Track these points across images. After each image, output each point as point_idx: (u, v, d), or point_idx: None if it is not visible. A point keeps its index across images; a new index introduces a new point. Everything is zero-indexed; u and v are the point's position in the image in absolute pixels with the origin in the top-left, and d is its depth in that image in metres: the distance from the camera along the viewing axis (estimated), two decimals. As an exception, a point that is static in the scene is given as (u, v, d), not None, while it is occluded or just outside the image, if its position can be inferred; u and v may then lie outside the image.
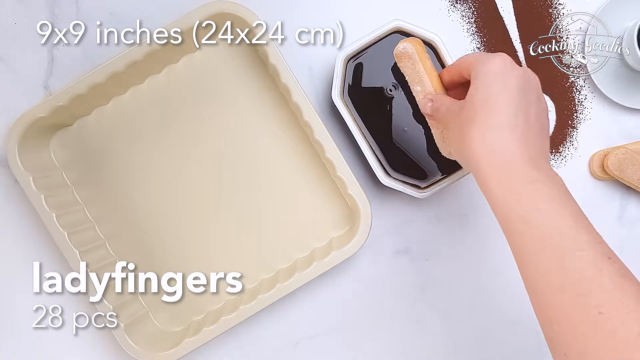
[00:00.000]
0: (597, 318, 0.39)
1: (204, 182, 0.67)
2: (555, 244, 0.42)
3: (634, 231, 0.69)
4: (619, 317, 0.38)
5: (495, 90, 0.46)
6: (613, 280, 0.40)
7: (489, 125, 0.46)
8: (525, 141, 0.45)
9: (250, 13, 0.61)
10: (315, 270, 0.63)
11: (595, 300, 0.39)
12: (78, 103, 0.63)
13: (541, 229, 0.42)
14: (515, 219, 0.44)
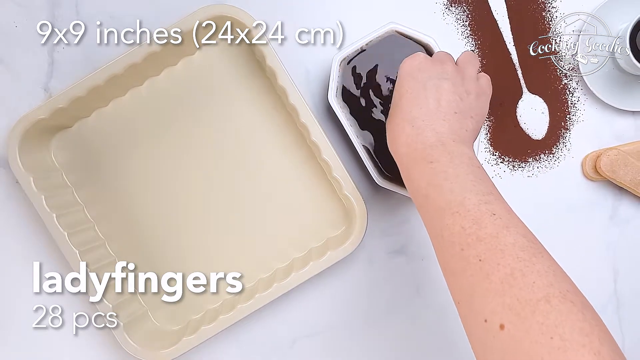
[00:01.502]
0: (477, 265, 0.43)
1: (202, 183, 0.67)
2: (444, 208, 0.47)
3: (626, 231, 0.70)
4: (494, 262, 0.42)
5: (404, 88, 0.55)
6: (492, 233, 0.44)
7: (398, 122, 0.54)
8: (427, 126, 0.52)
9: (247, 16, 0.62)
10: (312, 269, 0.64)
11: (475, 251, 0.44)
12: (78, 105, 0.63)
13: (435, 200, 0.49)
14: (419, 195, 0.50)
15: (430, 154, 0.51)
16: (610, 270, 0.70)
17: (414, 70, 0.55)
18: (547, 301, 0.39)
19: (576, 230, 0.70)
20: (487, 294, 0.42)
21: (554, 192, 0.69)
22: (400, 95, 0.55)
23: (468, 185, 0.48)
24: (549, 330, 0.38)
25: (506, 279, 0.41)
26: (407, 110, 0.54)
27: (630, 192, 0.69)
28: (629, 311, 0.70)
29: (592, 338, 0.38)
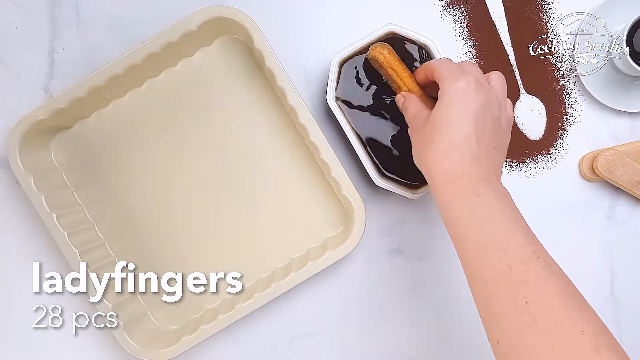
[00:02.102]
0: (524, 307, 0.42)
1: (201, 183, 0.67)
2: (489, 244, 0.46)
3: (623, 231, 0.70)
4: (542, 307, 0.42)
5: (454, 114, 0.51)
6: (538, 276, 0.44)
7: (443, 147, 0.51)
8: (474, 160, 0.51)
9: (247, 17, 0.62)
10: (311, 269, 0.64)
11: (522, 292, 0.43)
12: (78, 106, 0.63)
13: (478, 234, 0.47)
14: (459, 225, 0.49)
15: (476, 186, 0.49)
16: (608, 270, 0.70)
17: (465, 95, 0.52)
18: (597, 351, 0.40)
19: (573, 231, 0.70)
20: (534, 339, 0.41)
21: (551, 193, 0.70)
22: (449, 121, 0.51)
23: (514, 223, 0.48)
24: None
25: (556, 325, 0.41)
26: (456, 139, 0.51)
27: (627, 193, 0.69)
28: (626, 311, 0.71)
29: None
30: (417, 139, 0.55)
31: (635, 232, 0.70)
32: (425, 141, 0.53)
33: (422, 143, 0.54)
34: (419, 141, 0.55)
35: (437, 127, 0.52)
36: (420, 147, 0.54)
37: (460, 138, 0.51)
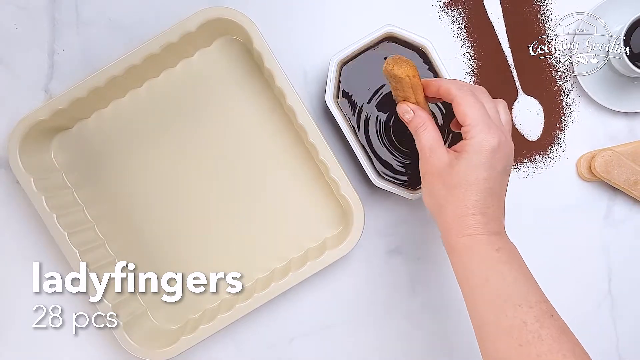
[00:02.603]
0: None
1: (201, 183, 0.68)
2: (506, 299, 0.47)
3: (621, 231, 0.70)
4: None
5: (484, 174, 0.51)
6: (552, 335, 0.45)
7: (469, 206, 0.51)
8: (494, 216, 0.52)
9: (246, 19, 0.62)
10: (309, 269, 0.64)
11: (535, 349, 0.45)
12: (78, 106, 0.63)
13: (495, 288, 0.48)
14: (477, 278, 0.50)
15: (496, 241, 0.50)
16: (605, 269, 0.71)
17: (495, 155, 0.51)
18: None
19: (571, 230, 0.70)
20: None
21: (549, 193, 0.70)
22: (478, 181, 0.51)
23: (529, 280, 0.49)
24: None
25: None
26: (482, 198, 0.51)
27: (625, 193, 0.69)
28: (623, 310, 0.71)
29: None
30: (433, 182, 0.53)
31: (633, 232, 0.70)
32: (446, 191, 0.52)
33: (440, 191, 0.52)
34: (436, 185, 0.53)
35: (464, 184, 0.51)
36: (438, 194, 0.53)
37: (485, 197, 0.51)
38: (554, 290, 0.70)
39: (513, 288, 0.48)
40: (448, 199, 0.52)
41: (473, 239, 0.50)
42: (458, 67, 0.69)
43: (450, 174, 0.52)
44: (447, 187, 0.52)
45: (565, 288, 0.71)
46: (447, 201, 0.52)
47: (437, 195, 0.53)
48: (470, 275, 0.50)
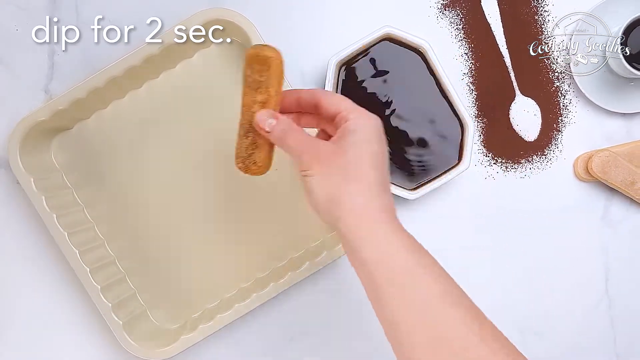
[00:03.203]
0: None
1: (200, 183, 0.68)
2: (424, 300, 0.43)
3: (618, 231, 0.71)
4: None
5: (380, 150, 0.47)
6: (490, 335, 0.43)
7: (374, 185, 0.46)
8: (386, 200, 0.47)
9: (244, 20, 0.63)
10: (309, 269, 0.64)
11: (475, 354, 0.42)
12: (78, 107, 0.64)
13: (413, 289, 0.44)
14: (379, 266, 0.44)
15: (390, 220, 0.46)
16: (602, 269, 0.71)
17: (381, 135, 0.48)
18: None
19: (568, 231, 0.71)
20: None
21: (546, 193, 0.70)
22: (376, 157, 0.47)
23: (443, 273, 0.47)
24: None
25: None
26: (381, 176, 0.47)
27: (621, 193, 0.69)
28: (620, 310, 0.71)
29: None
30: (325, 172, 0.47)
31: (629, 232, 0.71)
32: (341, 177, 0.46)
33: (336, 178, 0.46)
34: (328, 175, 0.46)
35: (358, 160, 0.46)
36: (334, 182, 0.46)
37: (384, 174, 0.47)
38: (551, 290, 0.71)
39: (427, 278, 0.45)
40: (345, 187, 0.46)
41: (391, 225, 0.46)
42: (456, 68, 0.69)
43: (340, 155, 0.46)
44: (341, 170, 0.46)
45: (563, 288, 0.71)
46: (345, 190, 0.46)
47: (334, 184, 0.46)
48: (396, 258, 0.45)
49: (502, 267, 0.71)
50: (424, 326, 0.43)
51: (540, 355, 0.71)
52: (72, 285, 0.68)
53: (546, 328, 0.71)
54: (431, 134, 0.66)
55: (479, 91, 0.69)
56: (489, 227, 0.70)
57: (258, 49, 0.50)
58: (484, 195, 0.70)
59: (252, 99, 0.51)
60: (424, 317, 0.43)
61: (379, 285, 0.44)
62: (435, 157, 0.66)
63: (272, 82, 0.51)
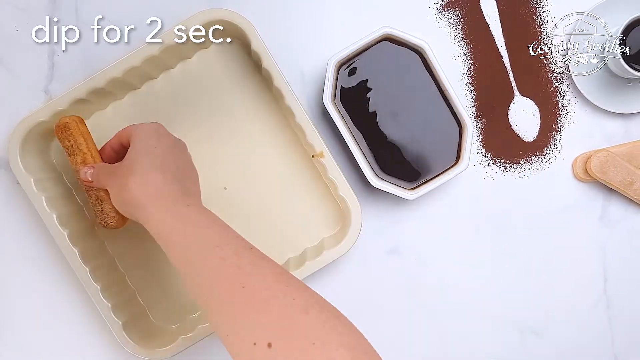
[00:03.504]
0: (241, 292, 0.45)
1: (199, 184, 0.68)
2: (203, 245, 0.49)
3: (616, 231, 0.71)
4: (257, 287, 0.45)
5: (152, 142, 0.56)
6: (252, 262, 0.47)
7: (146, 171, 0.54)
8: (176, 181, 0.54)
9: (244, 20, 0.63)
10: (308, 269, 0.65)
11: (238, 280, 0.46)
12: (78, 107, 0.64)
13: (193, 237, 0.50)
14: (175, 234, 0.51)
15: (184, 199, 0.53)
16: (600, 269, 0.71)
17: (155, 132, 0.57)
18: (307, 313, 0.43)
19: (566, 231, 0.71)
20: (252, 317, 0.44)
21: (545, 193, 0.70)
22: (148, 148, 0.56)
23: (223, 225, 0.51)
24: (309, 338, 0.42)
25: (269, 299, 0.44)
26: (156, 163, 0.55)
27: (620, 193, 0.70)
28: (618, 310, 0.71)
29: (348, 339, 0.43)
30: (115, 186, 0.56)
31: (628, 232, 0.71)
32: (125, 172, 0.55)
33: (120, 184, 0.55)
34: (116, 187, 0.56)
35: (137, 156, 0.55)
36: (120, 189, 0.55)
37: (161, 161, 0.55)
38: (550, 290, 0.71)
39: (210, 233, 0.50)
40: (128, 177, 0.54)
41: (163, 200, 0.52)
42: (455, 68, 0.69)
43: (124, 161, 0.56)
44: (125, 169, 0.55)
45: (561, 288, 0.71)
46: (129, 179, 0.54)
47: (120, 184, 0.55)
48: (168, 233, 0.51)
49: (500, 267, 0.71)
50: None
51: (539, 355, 0.71)
52: (72, 285, 0.68)
53: (545, 328, 0.71)
54: (430, 134, 0.66)
55: (478, 91, 0.69)
56: (488, 227, 0.71)
57: (59, 121, 0.61)
58: (482, 196, 0.70)
59: (75, 163, 0.61)
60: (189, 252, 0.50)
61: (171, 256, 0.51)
62: (434, 157, 0.66)
63: (79, 141, 0.61)
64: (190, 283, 0.50)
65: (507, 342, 0.71)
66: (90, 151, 0.61)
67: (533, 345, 0.71)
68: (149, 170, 0.54)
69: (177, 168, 0.56)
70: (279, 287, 0.45)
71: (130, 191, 0.53)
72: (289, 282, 0.46)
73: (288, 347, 0.42)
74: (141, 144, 0.56)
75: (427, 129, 0.66)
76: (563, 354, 0.71)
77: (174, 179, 0.54)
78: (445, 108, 0.66)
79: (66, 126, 0.61)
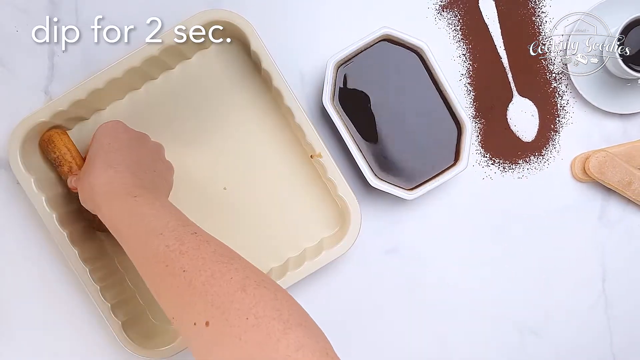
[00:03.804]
0: (182, 276, 0.46)
1: (199, 184, 0.68)
2: (149, 233, 0.50)
3: (614, 230, 0.71)
4: (196, 269, 0.46)
5: (106, 139, 0.59)
6: (194, 247, 0.48)
7: (98, 167, 0.56)
8: (131, 173, 0.56)
9: (243, 21, 0.63)
10: (307, 269, 0.65)
11: (179, 263, 0.47)
12: (78, 108, 0.64)
13: (139, 227, 0.51)
14: (122, 225, 0.53)
15: (133, 191, 0.54)
16: (599, 269, 0.71)
17: (114, 128, 0.60)
18: (243, 290, 0.44)
19: (565, 231, 0.71)
20: (193, 299, 0.45)
21: (543, 193, 0.71)
22: (101, 145, 0.58)
23: (170, 214, 0.52)
24: (244, 313, 0.43)
25: (207, 280, 0.45)
26: (109, 158, 0.57)
27: (618, 193, 0.70)
28: (617, 310, 0.71)
29: (282, 311, 0.43)
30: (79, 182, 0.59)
31: (626, 232, 0.71)
32: (82, 174, 0.58)
33: (81, 180, 0.58)
34: (80, 182, 0.58)
35: (93, 154, 0.58)
36: (81, 184, 0.58)
37: (115, 156, 0.57)
38: (549, 290, 0.72)
39: (154, 223, 0.51)
40: (89, 173, 0.57)
41: (113, 193, 0.54)
42: (454, 68, 0.70)
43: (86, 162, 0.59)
44: (87, 167, 0.58)
45: (560, 288, 0.71)
46: (89, 175, 0.56)
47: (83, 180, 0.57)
48: (117, 223, 0.53)
49: (499, 267, 0.71)
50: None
51: (538, 355, 0.71)
52: (72, 285, 0.68)
53: (544, 327, 0.71)
54: (429, 134, 0.66)
55: (477, 92, 0.70)
56: (487, 227, 0.71)
57: (42, 136, 0.64)
58: (481, 196, 0.70)
59: (63, 173, 0.64)
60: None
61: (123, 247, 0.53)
62: (433, 158, 0.66)
63: (63, 151, 0.63)
64: (140, 271, 0.51)
65: (506, 342, 0.71)
66: (75, 159, 0.64)
67: (532, 344, 0.71)
68: (101, 166, 0.56)
69: (134, 162, 0.58)
70: (217, 267, 0.46)
71: (84, 190, 0.57)
72: (231, 262, 0.47)
73: (224, 324, 0.43)
74: (96, 144, 0.59)
75: (426, 129, 0.66)
76: (562, 354, 0.72)
77: (127, 171, 0.56)
78: (444, 108, 0.66)
79: (50, 139, 0.63)
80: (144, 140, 0.62)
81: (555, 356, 0.72)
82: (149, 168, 0.59)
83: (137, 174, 0.57)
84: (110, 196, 0.54)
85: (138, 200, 0.53)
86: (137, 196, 0.53)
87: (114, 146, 0.58)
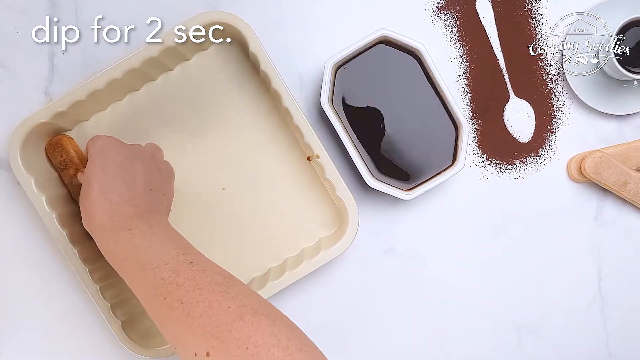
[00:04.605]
0: (180, 308, 0.47)
1: (198, 184, 0.68)
2: (145, 266, 0.51)
3: (610, 231, 0.71)
4: (194, 301, 0.47)
5: (100, 166, 0.56)
6: (190, 277, 0.49)
7: (93, 200, 0.55)
8: (127, 202, 0.55)
9: (242, 22, 0.63)
10: (305, 269, 0.65)
11: (176, 296, 0.48)
12: (78, 109, 0.64)
13: (135, 261, 0.51)
14: (120, 259, 0.53)
15: (129, 223, 0.54)
16: (595, 270, 0.72)
17: (105, 149, 0.58)
18: (241, 319, 0.45)
19: (561, 231, 0.71)
20: (192, 330, 0.46)
21: (539, 194, 0.71)
22: (93, 173, 0.56)
23: (166, 244, 0.53)
24: (243, 343, 0.44)
25: (205, 311, 0.46)
26: (104, 187, 0.55)
27: (614, 194, 0.70)
28: (612, 310, 0.72)
29: (280, 337, 0.44)
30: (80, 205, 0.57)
31: (622, 232, 0.71)
32: (81, 200, 0.56)
33: (81, 206, 0.56)
34: (81, 206, 0.57)
35: (88, 182, 0.56)
36: (81, 210, 0.56)
37: (109, 184, 0.56)
38: (545, 290, 0.72)
39: (149, 256, 0.51)
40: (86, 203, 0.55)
41: (110, 226, 0.54)
42: (451, 70, 0.70)
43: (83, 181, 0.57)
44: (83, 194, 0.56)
45: (556, 288, 0.72)
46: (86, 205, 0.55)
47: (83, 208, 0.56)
48: (115, 258, 0.53)
49: (496, 267, 0.71)
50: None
51: (535, 354, 0.72)
52: (71, 285, 0.68)
53: (541, 327, 0.72)
54: (426, 135, 0.67)
55: (474, 93, 0.70)
56: (484, 227, 0.71)
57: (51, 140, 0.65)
58: (478, 196, 0.71)
59: (68, 176, 0.65)
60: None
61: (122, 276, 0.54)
62: (431, 158, 0.67)
63: (71, 154, 0.64)
64: (140, 300, 0.52)
65: (504, 342, 0.71)
66: (83, 162, 0.64)
67: (529, 344, 0.71)
68: (97, 194, 0.55)
69: (129, 188, 0.56)
70: (214, 297, 0.47)
71: (83, 213, 0.56)
72: (227, 291, 0.48)
73: (224, 354, 0.44)
74: (91, 166, 0.57)
75: (424, 130, 0.67)
76: (558, 353, 0.72)
77: (121, 202, 0.55)
78: (442, 109, 0.66)
79: (58, 143, 0.64)
80: (138, 154, 0.60)
81: (552, 355, 0.72)
82: (145, 188, 0.58)
83: (132, 202, 0.56)
84: (106, 230, 0.54)
85: (133, 232, 0.53)
86: (132, 229, 0.53)
87: (107, 173, 0.56)
